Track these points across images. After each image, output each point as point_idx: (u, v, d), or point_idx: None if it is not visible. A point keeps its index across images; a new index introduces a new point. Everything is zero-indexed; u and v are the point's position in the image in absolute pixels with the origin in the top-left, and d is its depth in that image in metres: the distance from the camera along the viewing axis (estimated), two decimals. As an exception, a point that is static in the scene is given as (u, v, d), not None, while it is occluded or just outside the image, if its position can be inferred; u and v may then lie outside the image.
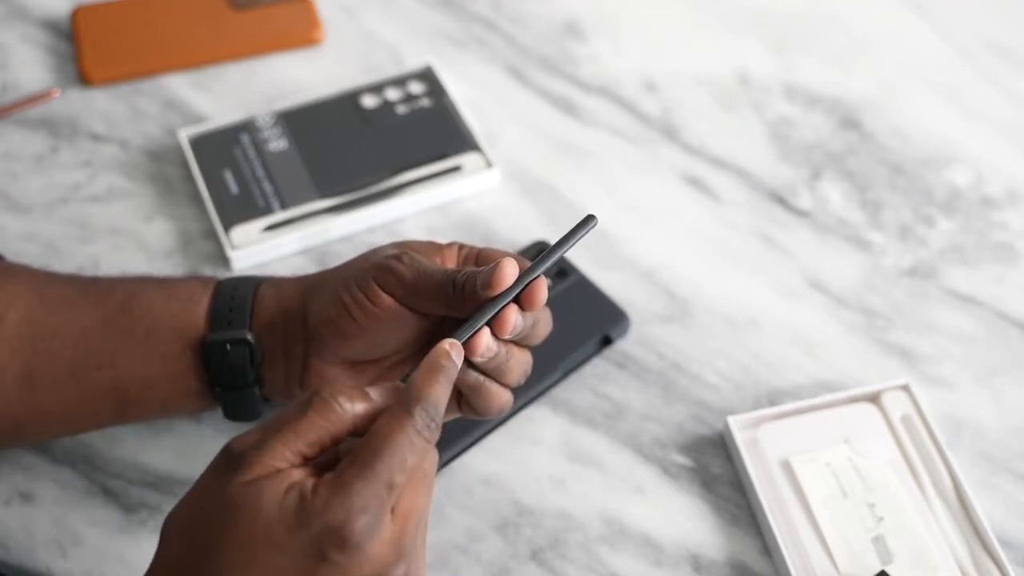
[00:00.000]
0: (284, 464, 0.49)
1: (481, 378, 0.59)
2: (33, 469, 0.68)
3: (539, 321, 0.60)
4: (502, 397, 0.61)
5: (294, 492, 0.48)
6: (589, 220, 0.58)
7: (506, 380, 0.60)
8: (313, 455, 0.50)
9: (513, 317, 0.57)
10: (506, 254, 0.62)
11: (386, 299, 0.59)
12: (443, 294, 0.58)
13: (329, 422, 0.50)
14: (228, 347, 0.62)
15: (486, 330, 0.56)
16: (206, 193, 0.78)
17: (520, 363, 0.60)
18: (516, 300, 0.57)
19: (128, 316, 0.63)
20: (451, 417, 0.62)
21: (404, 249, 0.61)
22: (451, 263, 0.62)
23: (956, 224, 0.80)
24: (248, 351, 0.63)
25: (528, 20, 0.90)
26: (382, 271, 0.59)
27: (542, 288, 0.57)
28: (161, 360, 0.63)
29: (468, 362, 0.57)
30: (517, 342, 0.60)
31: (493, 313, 0.56)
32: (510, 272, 0.56)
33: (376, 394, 0.52)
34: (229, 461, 0.50)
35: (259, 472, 0.49)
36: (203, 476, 0.51)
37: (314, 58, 0.87)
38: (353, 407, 0.51)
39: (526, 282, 0.57)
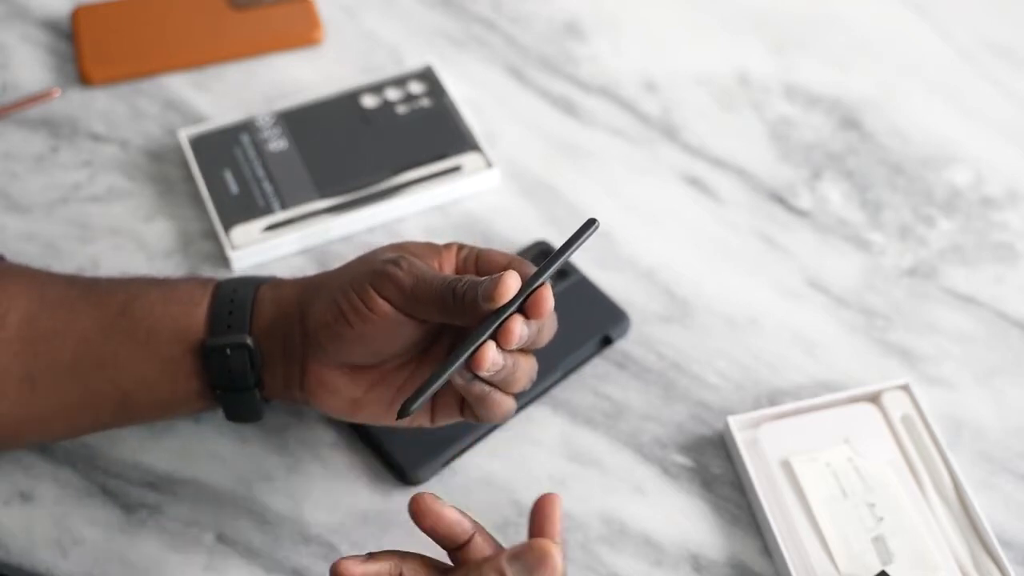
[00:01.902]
0: None
1: (487, 388, 0.59)
2: (33, 469, 0.68)
3: (544, 326, 0.59)
4: (506, 405, 0.60)
5: None
6: (590, 224, 0.57)
7: (512, 389, 0.60)
8: None
9: (518, 328, 0.56)
10: (506, 256, 0.61)
11: (384, 305, 0.59)
12: (442, 302, 0.57)
13: None
14: (228, 351, 0.62)
15: (491, 344, 0.56)
16: (206, 193, 0.78)
17: (526, 371, 0.60)
18: (521, 308, 0.57)
19: (128, 318, 0.63)
20: (452, 420, 0.62)
21: (402, 252, 0.61)
22: (449, 265, 0.62)
23: (956, 224, 0.80)
24: (248, 355, 0.63)
25: (528, 20, 0.90)
26: (380, 277, 0.59)
27: (548, 296, 0.56)
28: (162, 363, 0.63)
29: (474, 374, 0.57)
30: (523, 349, 0.59)
31: (497, 324, 0.56)
32: (512, 285, 0.55)
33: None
34: None
35: None
36: None
37: (314, 58, 0.87)
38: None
39: (530, 290, 0.56)
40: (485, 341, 0.56)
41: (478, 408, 0.60)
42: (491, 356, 0.55)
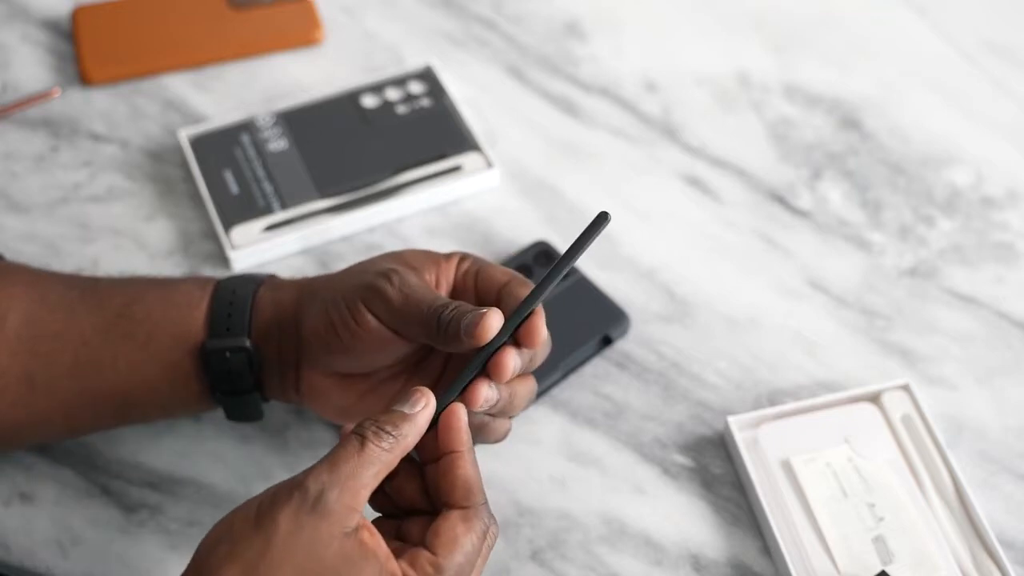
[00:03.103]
0: (360, 504, 0.51)
1: (485, 419, 0.59)
2: (33, 469, 0.68)
3: (537, 352, 0.59)
4: (503, 429, 0.60)
5: None
6: (603, 219, 0.55)
7: (511, 414, 0.60)
8: (379, 480, 0.52)
9: (511, 362, 0.55)
10: (507, 273, 0.61)
11: (371, 321, 0.59)
12: (427, 327, 0.57)
13: (389, 452, 0.52)
14: (227, 354, 0.62)
15: (483, 382, 0.55)
16: (206, 193, 0.78)
17: (524, 396, 0.59)
18: (515, 338, 0.56)
19: (128, 321, 0.63)
20: None
21: (399, 263, 0.61)
22: (448, 277, 0.61)
23: (956, 224, 0.80)
24: (247, 357, 0.63)
25: (528, 20, 0.90)
26: (370, 292, 0.59)
27: (541, 326, 0.56)
28: (161, 365, 0.63)
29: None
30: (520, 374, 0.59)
31: (489, 355, 0.55)
32: (493, 325, 0.54)
33: (409, 407, 0.54)
34: (305, 501, 0.50)
35: (343, 517, 0.50)
36: (268, 508, 0.50)
37: (314, 58, 0.87)
38: (401, 431, 0.53)
39: (532, 305, 0.55)
40: (475, 378, 0.55)
41: (476, 434, 0.59)
42: (483, 394, 0.55)
